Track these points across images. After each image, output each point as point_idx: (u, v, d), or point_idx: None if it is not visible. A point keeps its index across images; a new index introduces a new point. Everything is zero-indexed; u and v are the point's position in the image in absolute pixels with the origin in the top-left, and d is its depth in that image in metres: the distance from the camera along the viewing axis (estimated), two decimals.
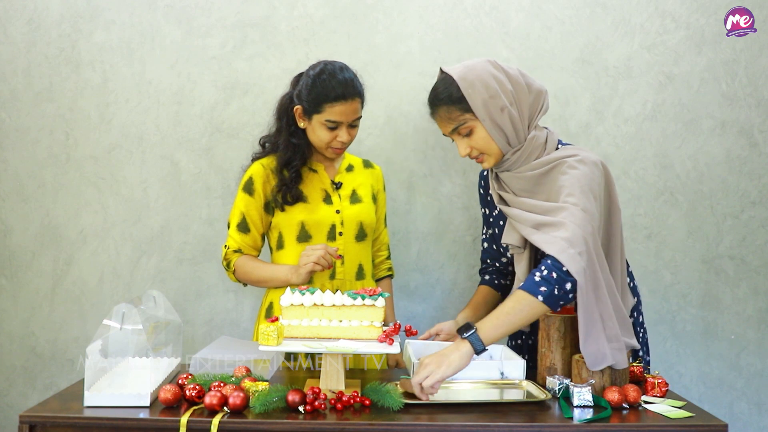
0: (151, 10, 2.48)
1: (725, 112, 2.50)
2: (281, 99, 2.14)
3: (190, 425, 1.52)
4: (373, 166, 2.28)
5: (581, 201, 1.75)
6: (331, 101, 2.01)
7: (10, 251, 2.52)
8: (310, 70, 2.07)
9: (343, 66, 2.06)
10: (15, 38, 2.49)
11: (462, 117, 1.86)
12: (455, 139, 1.92)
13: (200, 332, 2.52)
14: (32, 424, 1.56)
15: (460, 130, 1.88)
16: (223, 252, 2.13)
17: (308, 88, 2.03)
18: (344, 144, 2.08)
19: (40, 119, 2.50)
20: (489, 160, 1.91)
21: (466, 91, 1.84)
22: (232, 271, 2.12)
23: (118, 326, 1.68)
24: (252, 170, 2.12)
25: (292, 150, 2.10)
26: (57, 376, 2.52)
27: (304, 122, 2.09)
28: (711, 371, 2.53)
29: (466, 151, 1.90)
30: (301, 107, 2.07)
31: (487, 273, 2.18)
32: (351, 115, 2.04)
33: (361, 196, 2.18)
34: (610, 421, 1.58)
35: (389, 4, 2.49)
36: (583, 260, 1.67)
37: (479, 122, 1.86)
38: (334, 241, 2.10)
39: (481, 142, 1.88)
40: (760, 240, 2.52)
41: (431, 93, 1.92)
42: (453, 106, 1.86)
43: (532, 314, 1.68)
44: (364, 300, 1.74)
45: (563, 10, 2.49)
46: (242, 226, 2.11)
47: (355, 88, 2.04)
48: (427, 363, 1.65)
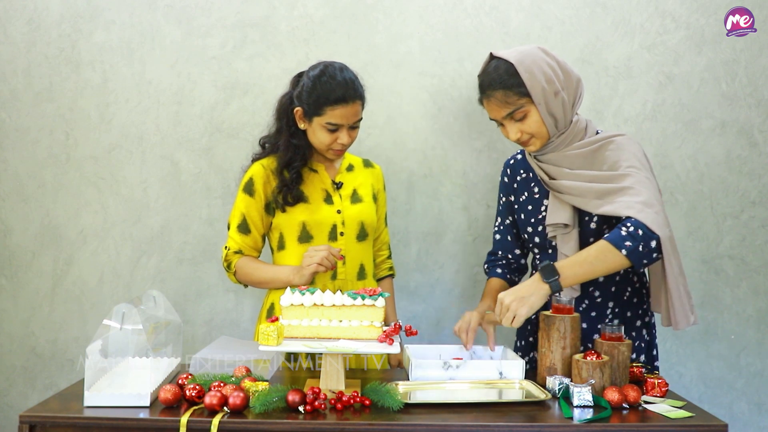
0: (151, 10, 2.48)
1: (725, 112, 2.50)
2: (281, 99, 2.13)
3: (190, 425, 1.52)
4: (373, 165, 2.28)
5: (643, 169, 1.84)
6: (332, 104, 2.00)
7: (10, 251, 2.52)
8: (310, 71, 2.06)
9: (343, 67, 2.05)
10: (15, 38, 2.49)
11: (519, 101, 1.89)
12: (506, 123, 1.94)
13: (200, 332, 2.52)
14: (32, 424, 1.56)
15: (515, 115, 1.91)
16: (224, 253, 2.12)
17: (308, 91, 2.02)
18: (345, 146, 2.07)
19: (40, 119, 2.50)
20: (536, 143, 1.96)
21: (524, 76, 1.87)
22: (232, 273, 2.11)
23: (118, 326, 1.68)
24: (252, 171, 2.12)
25: (292, 151, 2.09)
26: (57, 376, 2.52)
27: (304, 124, 2.08)
28: (711, 371, 2.54)
29: (517, 135, 1.93)
30: (301, 109, 2.06)
31: (498, 266, 2.15)
32: (352, 117, 2.04)
33: (362, 195, 2.17)
34: (610, 421, 1.58)
35: (389, 4, 2.49)
36: (662, 218, 1.74)
37: (534, 107, 1.90)
38: (336, 241, 2.09)
39: (534, 126, 1.92)
40: (760, 240, 2.52)
41: (484, 78, 1.93)
42: (510, 91, 1.89)
43: (613, 266, 1.74)
44: (364, 300, 1.74)
45: (563, 10, 2.49)
46: (243, 227, 2.10)
47: (356, 90, 2.03)
48: (508, 304, 1.76)
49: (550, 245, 2.01)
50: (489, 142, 2.51)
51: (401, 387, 1.74)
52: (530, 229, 2.05)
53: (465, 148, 2.52)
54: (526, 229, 2.07)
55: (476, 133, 2.52)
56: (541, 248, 2.05)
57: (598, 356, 1.72)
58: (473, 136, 2.52)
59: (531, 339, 2.12)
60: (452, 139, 2.52)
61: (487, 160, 2.52)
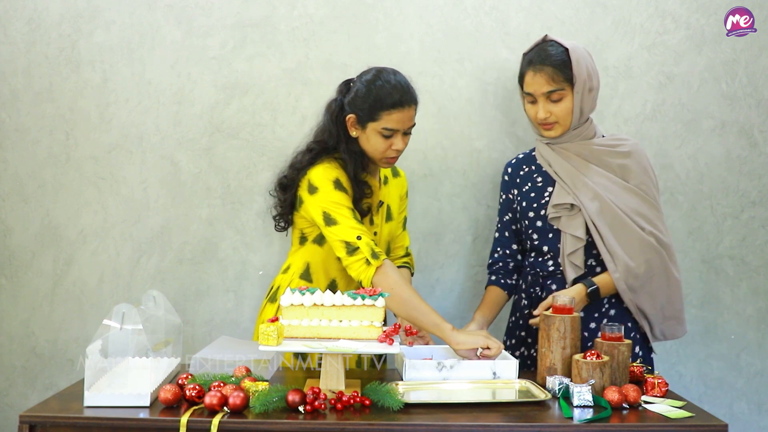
0: (151, 10, 2.48)
1: (725, 112, 2.50)
2: (329, 105, 2.07)
3: (190, 425, 1.52)
4: (399, 173, 2.28)
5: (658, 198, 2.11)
6: (388, 109, 1.97)
7: (10, 251, 2.52)
8: (362, 76, 2.02)
9: (395, 71, 2.03)
10: (15, 38, 2.49)
11: (562, 84, 2.04)
12: (541, 101, 2.07)
13: (200, 332, 2.52)
14: (32, 424, 1.56)
15: (553, 95, 2.05)
16: (363, 244, 1.91)
17: (363, 96, 1.98)
18: (399, 152, 2.04)
19: (40, 119, 2.50)
20: (558, 129, 2.10)
21: (575, 63, 2.04)
22: (377, 266, 1.91)
23: (118, 326, 1.68)
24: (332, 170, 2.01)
25: (354, 159, 2.02)
26: (57, 376, 2.52)
27: (356, 131, 2.03)
28: (711, 371, 2.53)
29: (546, 115, 2.07)
30: (354, 116, 2.01)
31: (494, 273, 2.25)
32: (407, 122, 2.01)
33: (393, 212, 2.19)
34: (610, 421, 1.58)
35: (389, 4, 2.49)
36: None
37: (572, 94, 2.06)
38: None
39: (564, 112, 2.07)
40: (760, 240, 2.52)
41: (540, 52, 2.07)
42: (559, 72, 2.04)
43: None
44: (364, 300, 1.74)
45: (563, 10, 2.49)
46: (357, 218, 1.98)
47: (411, 94, 2.01)
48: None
49: (552, 229, 2.10)
50: (489, 142, 2.51)
51: (401, 387, 1.75)
52: (532, 213, 2.14)
53: (465, 148, 2.52)
54: (527, 214, 2.15)
55: (476, 133, 2.52)
56: (541, 233, 2.12)
57: (598, 356, 1.72)
58: (473, 136, 2.52)
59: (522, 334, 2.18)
60: (452, 139, 2.52)
61: (487, 160, 2.52)
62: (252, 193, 2.50)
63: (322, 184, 2.00)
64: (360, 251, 1.92)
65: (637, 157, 2.10)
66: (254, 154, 2.49)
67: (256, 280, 2.50)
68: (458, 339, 1.87)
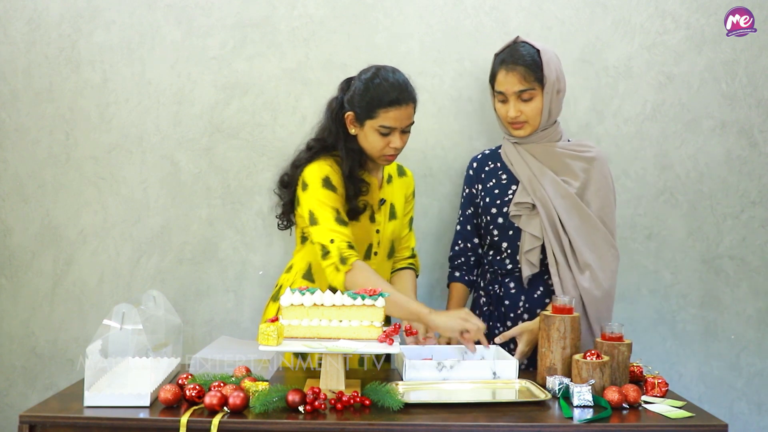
0: (151, 10, 2.48)
1: (725, 112, 2.50)
2: (330, 103, 2.08)
3: (190, 425, 1.52)
4: (406, 172, 2.28)
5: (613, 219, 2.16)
6: (386, 106, 1.97)
7: (10, 251, 2.52)
8: (361, 75, 2.03)
9: (395, 69, 2.03)
10: (15, 38, 2.49)
11: (533, 84, 2.09)
12: (512, 100, 2.11)
13: (200, 332, 2.52)
14: (32, 424, 1.56)
15: (524, 95, 2.10)
16: (335, 248, 1.92)
17: (361, 93, 1.99)
18: (397, 150, 2.04)
19: (40, 119, 2.50)
20: (527, 129, 2.15)
21: (546, 65, 2.09)
22: (346, 270, 1.91)
23: (118, 326, 1.68)
24: (323, 167, 2.01)
25: (351, 157, 2.03)
26: (57, 376, 2.52)
27: (355, 128, 2.04)
28: (711, 371, 2.53)
29: (516, 114, 2.11)
30: (353, 113, 2.02)
31: (457, 269, 2.30)
32: (405, 120, 2.01)
33: (397, 211, 2.18)
34: (610, 421, 1.58)
35: (389, 4, 2.49)
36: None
37: (542, 95, 2.11)
38: (369, 259, 2.08)
39: (533, 112, 2.11)
40: (760, 240, 2.52)
41: (512, 52, 2.11)
42: (531, 72, 2.09)
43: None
44: (364, 300, 1.74)
45: (563, 10, 2.49)
46: (340, 219, 1.98)
47: (410, 92, 2.01)
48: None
49: (512, 226, 2.15)
50: (489, 142, 2.50)
51: (401, 387, 1.75)
52: (494, 210, 2.18)
53: (465, 148, 2.52)
54: (490, 210, 2.19)
55: (476, 133, 2.52)
56: (502, 229, 2.17)
57: (598, 356, 1.72)
58: (473, 136, 2.52)
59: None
60: (452, 139, 2.52)
61: None
62: (252, 193, 2.50)
63: (312, 182, 2.01)
64: (330, 256, 1.93)
65: (600, 164, 2.14)
66: (254, 154, 2.49)
67: (256, 280, 2.50)
68: (436, 323, 1.90)
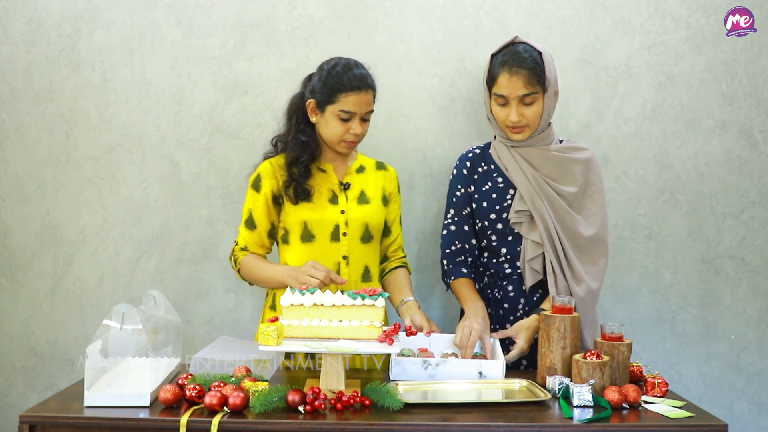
0: (151, 10, 2.48)
1: (725, 112, 2.50)
2: (292, 98, 2.15)
3: (190, 425, 1.52)
4: (386, 168, 2.27)
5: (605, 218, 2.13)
6: (346, 91, 2.02)
7: (10, 251, 2.52)
8: (323, 65, 2.10)
9: (356, 61, 2.10)
10: (15, 38, 2.49)
11: (536, 87, 2.04)
12: (514, 103, 2.05)
13: (200, 332, 2.52)
14: (32, 424, 1.56)
15: (527, 99, 2.04)
16: (235, 249, 2.17)
17: (323, 80, 2.05)
18: (357, 137, 2.08)
19: (40, 119, 2.50)
20: (527, 132, 2.09)
21: (548, 68, 2.04)
22: (237, 270, 2.15)
23: (118, 326, 1.68)
24: (260, 168, 2.15)
25: (300, 147, 2.10)
26: (57, 376, 2.52)
27: (316, 116, 2.09)
28: (711, 371, 2.53)
29: (518, 118, 2.05)
30: (314, 100, 2.08)
31: (462, 266, 2.20)
32: (364, 106, 2.05)
33: (370, 197, 2.17)
34: (610, 421, 1.58)
35: (389, 4, 2.49)
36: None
37: (543, 98, 2.06)
38: (338, 242, 2.09)
39: (534, 116, 2.06)
40: (760, 240, 2.52)
41: (515, 54, 2.03)
42: (535, 76, 2.03)
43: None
44: (364, 300, 1.74)
45: (563, 10, 2.49)
46: (249, 222, 2.13)
47: (369, 80, 2.07)
48: None
49: (512, 232, 2.11)
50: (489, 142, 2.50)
51: (401, 387, 1.75)
52: (493, 216, 2.13)
53: (465, 148, 2.51)
54: (488, 216, 2.14)
55: (476, 133, 2.52)
56: (501, 235, 2.13)
57: (598, 356, 1.72)
58: (473, 136, 2.52)
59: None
60: (452, 139, 2.52)
61: None
62: None
63: (249, 182, 2.16)
64: (232, 254, 2.17)
65: (595, 165, 2.14)
66: (254, 154, 2.48)
67: None
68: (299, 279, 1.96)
